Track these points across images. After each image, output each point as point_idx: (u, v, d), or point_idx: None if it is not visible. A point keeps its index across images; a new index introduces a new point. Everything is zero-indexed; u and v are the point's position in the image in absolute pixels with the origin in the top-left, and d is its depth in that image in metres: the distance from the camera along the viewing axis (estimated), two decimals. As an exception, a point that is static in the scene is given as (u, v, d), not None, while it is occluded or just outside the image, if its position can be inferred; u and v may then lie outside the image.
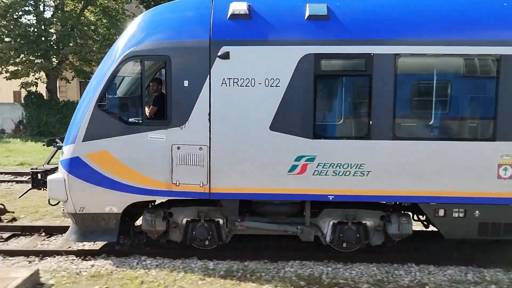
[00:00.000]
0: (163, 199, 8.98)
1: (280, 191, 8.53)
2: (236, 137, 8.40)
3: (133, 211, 9.27)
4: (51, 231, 10.92)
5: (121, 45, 8.66)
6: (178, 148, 8.46)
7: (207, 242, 9.09)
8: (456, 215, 8.57)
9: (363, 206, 8.90)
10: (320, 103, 8.48)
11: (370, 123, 8.30)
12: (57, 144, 9.48)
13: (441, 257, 9.20)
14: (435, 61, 8.49)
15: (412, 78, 8.62)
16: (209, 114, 8.35)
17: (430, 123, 8.59)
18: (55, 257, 9.26)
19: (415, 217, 9.54)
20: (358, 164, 8.37)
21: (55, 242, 10.29)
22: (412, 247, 9.71)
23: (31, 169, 9.70)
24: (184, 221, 9.09)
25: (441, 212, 8.59)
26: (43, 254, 9.37)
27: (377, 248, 9.19)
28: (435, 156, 8.32)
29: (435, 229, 9.14)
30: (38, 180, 9.50)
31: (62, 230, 10.70)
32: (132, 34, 8.69)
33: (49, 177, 8.99)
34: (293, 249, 9.47)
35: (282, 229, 8.99)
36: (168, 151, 8.48)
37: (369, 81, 8.26)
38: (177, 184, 8.57)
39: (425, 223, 9.46)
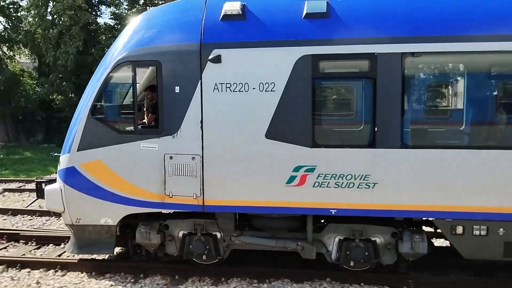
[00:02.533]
0: (157, 211, 8.56)
1: (277, 204, 7.90)
2: (230, 146, 7.88)
3: (134, 223, 8.93)
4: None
5: (115, 51, 8.39)
6: (171, 157, 8.05)
7: (204, 257, 8.59)
8: (477, 232, 7.59)
9: (372, 222, 8.09)
10: (319, 109, 7.79)
11: (375, 130, 7.51)
12: (55, 154, 9.33)
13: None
14: (457, 60, 7.61)
15: (424, 79, 7.75)
16: (201, 122, 7.88)
17: (445, 129, 7.67)
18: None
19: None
20: (362, 175, 7.61)
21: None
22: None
23: (36, 178, 9.63)
24: (181, 234, 8.66)
25: (459, 229, 7.64)
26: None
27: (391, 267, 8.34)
28: (451, 166, 7.40)
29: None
30: (43, 190, 9.39)
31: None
32: (125, 38, 8.40)
33: (46, 188, 8.86)
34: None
35: (281, 245, 8.33)
36: (161, 161, 8.08)
37: (373, 84, 7.49)
38: (170, 195, 8.15)
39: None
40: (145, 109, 9.28)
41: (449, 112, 8.55)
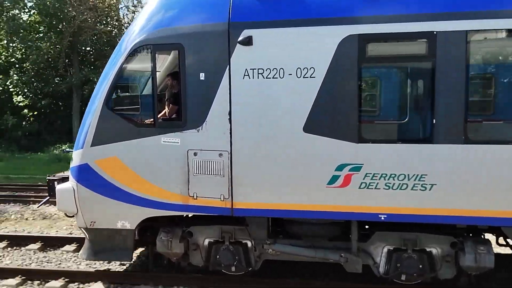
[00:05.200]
0: (180, 214, 7.59)
1: (317, 208, 6.88)
2: (263, 141, 6.88)
3: (155, 225, 8.00)
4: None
5: (131, 34, 7.46)
6: (195, 154, 7.09)
7: (233, 268, 7.61)
8: None
9: (427, 229, 6.97)
10: (367, 98, 6.73)
11: (433, 122, 6.39)
12: (66, 149, 8.45)
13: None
14: None
15: (493, 62, 6.56)
16: (230, 114, 6.89)
17: None
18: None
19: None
20: (417, 175, 6.52)
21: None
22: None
23: (47, 176, 8.79)
24: (206, 242, 7.69)
25: None
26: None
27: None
28: None
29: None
30: (55, 189, 8.53)
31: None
32: (143, 20, 7.45)
33: (58, 187, 8.01)
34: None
35: (322, 256, 7.28)
36: (184, 157, 7.14)
37: (431, 68, 6.36)
38: (195, 197, 7.19)
39: None
40: (166, 99, 8.32)
41: None
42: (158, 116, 7.56)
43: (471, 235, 7.12)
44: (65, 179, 8.48)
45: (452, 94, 6.32)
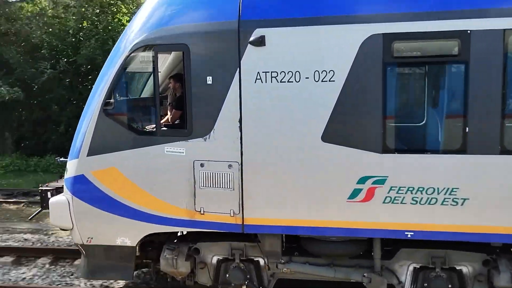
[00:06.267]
0: (185, 230, 6.99)
1: (337, 225, 6.29)
2: (277, 151, 6.28)
3: (156, 239, 7.40)
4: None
5: (131, 33, 6.82)
6: (202, 165, 6.48)
7: (244, 288, 7.00)
8: None
9: (456, 245, 6.40)
10: (392, 104, 6.11)
11: (466, 130, 5.79)
12: (60, 159, 7.82)
13: None
14: None
15: None
16: (240, 121, 6.28)
17: None
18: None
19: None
20: (448, 189, 5.94)
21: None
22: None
23: (40, 186, 8.17)
24: (215, 260, 7.10)
25: None
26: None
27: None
28: None
29: None
30: (48, 200, 7.91)
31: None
32: (143, 17, 6.81)
33: (52, 200, 7.40)
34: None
35: (342, 276, 6.69)
36: (189, 169, 6.53)
37: (464, 70, 5.76)
38: (202, 212, 6.60)
39: None
40: (168, 104, 7.69)
41: None
42: (161, 122, 6.95)
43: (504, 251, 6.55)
44: (59, 189, 7.88)
45: (487, 99, 5.73)
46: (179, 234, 7.41)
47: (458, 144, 5.93)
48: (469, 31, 5.69)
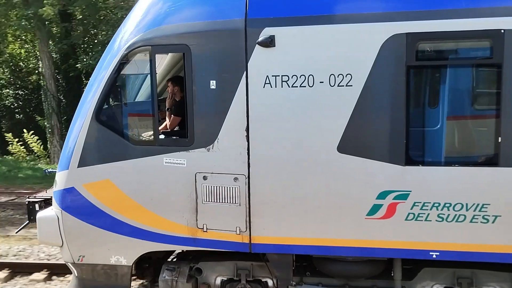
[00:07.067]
0: (186, 249, 6.44)
1: (354, 244, 5.77)
2: (287, 162, 5.72)
3: (154, 256, 6.87)
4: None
5: (125, 32, 6.23)
6: (205, 178, 5.93)
7: (250, 310, 6.46)
8: None
9: (484, 265, 5.88)
10: (416, 111, 5.59)
11: (499, 140, 5.25)
12: (48, 170, 7.21)
13: None
14: None
15: None
16: (247, 130, 5.72)
17: None
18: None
19: None
20: (478, 205, 5.42)
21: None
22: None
23: (27, 197, 7.57)
24: (218, 280, 6.55)
25: None
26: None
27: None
28: None
29: None
30: (35, 213, 7.31)
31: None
32: (138, 15, 6.22)
33: (39, 215, 6.79)
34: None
35: None
36: (191, 182, 5.98)
37: (497, 73, 5.24)
38: (205, 229, 6.04)
39: None
40: (166, 109, 7.11)
41: None
42: (159, 129, 6.37)
43: None
44: (48, 201, 7.26)
45: None
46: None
47: (490, 155, 5.42)
48: (502, 31, 5.15)
